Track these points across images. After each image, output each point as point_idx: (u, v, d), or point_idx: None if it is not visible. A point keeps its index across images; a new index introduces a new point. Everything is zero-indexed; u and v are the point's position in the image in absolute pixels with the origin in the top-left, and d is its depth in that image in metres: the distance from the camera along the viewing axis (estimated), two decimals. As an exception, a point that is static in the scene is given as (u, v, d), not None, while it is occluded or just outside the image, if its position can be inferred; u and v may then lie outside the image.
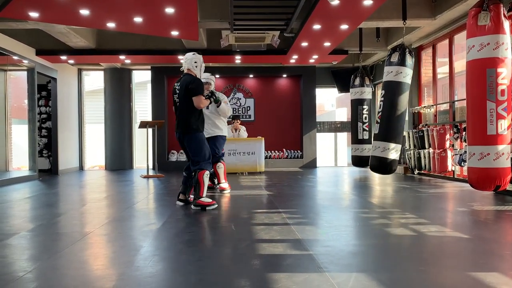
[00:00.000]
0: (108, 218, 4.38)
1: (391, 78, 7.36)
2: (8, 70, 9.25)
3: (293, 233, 3.46)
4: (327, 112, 21.77)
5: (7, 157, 9.28)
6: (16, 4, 6.11)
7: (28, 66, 9.25)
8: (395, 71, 7.31)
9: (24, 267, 2.67)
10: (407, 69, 7.28)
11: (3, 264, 2.76)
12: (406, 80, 7.32)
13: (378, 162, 7.46)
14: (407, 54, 7.25)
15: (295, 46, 8.88)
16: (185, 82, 4.82)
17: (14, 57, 8.59)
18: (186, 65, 4.95)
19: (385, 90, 7.48)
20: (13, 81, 9.71)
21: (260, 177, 8.94)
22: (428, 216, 4.34)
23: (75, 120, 11.80)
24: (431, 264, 2.69)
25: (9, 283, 2.34)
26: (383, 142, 7.37)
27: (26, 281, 2.38)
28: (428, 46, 8.97)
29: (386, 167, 7.41)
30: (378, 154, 7.43)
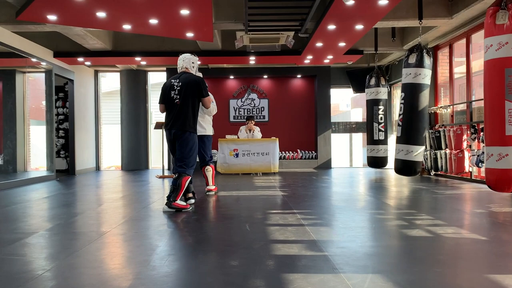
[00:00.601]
0: (124, 217, 4.43)
1: (410, 80, 7.31)
2: (26, 72, 9.43)
3: (308, 234, 3.46)
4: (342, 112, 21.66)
5: (26, 157, 9.45)
6: (35, 7, 6.23)
7: (46, 68, 9.40)
8: (413, 72, 7.26)
9: (43, 265, 2.72)
10: (426, 70, 7.22)
11: (22, 263, 2.81)
12: (425, 81, 7.27)
13: (402, 165, 7.46)
14: (425, 55, 7.18)
15: (309, 47, 8.86)
16: (188, 80, 4.83)
17: (33, 59, 8.74)
18: (184, 64, 5.00)
19: (404, 92, 7.44)
20: (31, 82, 9.89)
21: (274, 178, 8.93)
22: (444, 217, 4.29)
23: (92, 121, 11.96)
24: (447, 266, 2.66)
25: (28, 281, 2.38)
26: (406, 145, 7.34)
27: (45, 279, 2.42)
28: (445, 46, 8.87)
29: (411, 170, 7.43)
30: (402, 157, 7.41)
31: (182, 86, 4.80)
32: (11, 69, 9.12)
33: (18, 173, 9.06)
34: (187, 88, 4.79)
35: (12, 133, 8.95)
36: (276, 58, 10.33)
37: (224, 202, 5.63)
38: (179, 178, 4.73)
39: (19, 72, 9.24)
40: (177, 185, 4.71)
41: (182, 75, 4.92)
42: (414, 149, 7.28)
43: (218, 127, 11.93)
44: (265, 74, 12.22)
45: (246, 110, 12.35)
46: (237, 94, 12.38)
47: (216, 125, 11.99)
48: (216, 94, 12.26)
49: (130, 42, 9.86)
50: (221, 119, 12.26)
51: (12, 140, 8.98)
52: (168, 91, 4.87)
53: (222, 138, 10.18)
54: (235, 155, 9.93)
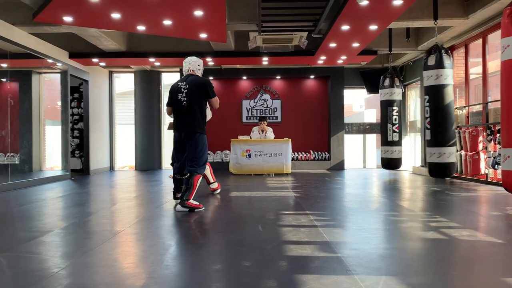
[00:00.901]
0: (138, 217, 4.46)
1: (432, 82, 7.27)
2: (42, 72, 9.56)
3: (320, 235, 3.44)
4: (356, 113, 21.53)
5: (41, 157, 9.59)
6: (51, 9, 6.31)
7: (61, 68, 9.52)
8: (434, 74, 7.20)
9: (58, 263, 2.75)
10: (447, 70, 7.17)
11: (38, 260, 2.85)
12: (448, 81, 7.21)
13: (437, 168, 7.40)
14: (444, 55, 7.11)
15: (323, 47, 8.82)
16: (194, 82, 4.92)
17: (49, 60, 8.86)
18: (190, 67, 5.12)
19: (428, 95, 7.38)
20: (47, 83, 10.03)
21: (287, 179, 8.91)
22: (459, 220, 4.23)
23: (106, 122, 12.08)
24: (463, 269, 2.62)
25: (44, 278, 2.41)
26: (438, 148, 7.27)
27: (60, 277, 2.45)
28: (460, 46, 8.76)
29: (446, 171, 7.37)
30: (435, 160, 7.36)
31: (189, 88, 4.88)
32: (27, 69, 9.26)
33: (33, 173, 9.19)
34: (194, 90, 4.87)
35: (28, 133, 9.09)
36: (289, 59, 10.31)
37: (237, 202, 5.63)
38: (191, 177, 4.79)
39: (35, 72, 9.38)
40: (190, 185, 4.76)
41: (189, 78, 5.00)
42: (446, 151, 7.22)
43: (230, 128, 11.99)
44: (278, 75, 12.21)
45: (258, 110, 12.35)
46: (250, 95, 12.38)
47: (228, 126, 12.12)
48: (228, 94, 12.34)
49: (144, 43, 9.94)
50: (233, 119, 12.30)
51: (28, 140, 9.12)
52: (176, 94, 4.95)
53: (235, 139, 10.20)
54: (247, 156, 9.94)
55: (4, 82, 8.45)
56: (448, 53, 7.22)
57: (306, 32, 7.92)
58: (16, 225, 4.15)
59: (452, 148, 7.33)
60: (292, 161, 11.26)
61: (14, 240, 3.45)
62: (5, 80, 8.42)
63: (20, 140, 8.87)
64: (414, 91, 11.61)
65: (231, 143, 10.11)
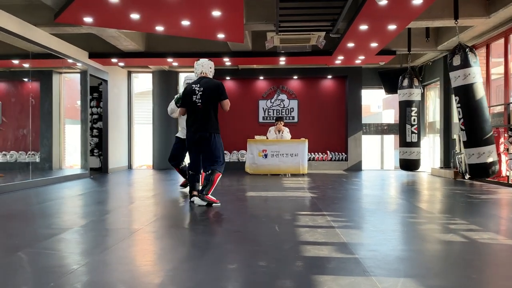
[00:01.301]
0: (156, 215, 4.50)
1: (461, 82, 7.12)
2: (63, 72, 9.73)
3: (338, 236, 3.42)
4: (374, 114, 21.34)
5: (61, 155, 9.75)
6: (72, 10, 6.42)
7: (81, 68, 9.67)
8: (462, 74, 7.07)
9: (77, 260, 2.80)
10: (474, 68, 7.02)
11: (58, 257, 2.90)
12: (476, 80, 7.06)
13: (477, 169, 7.23)
14: (469, 54, 6.99)
15: (341, 47, 8.77)
16: (208, 84, 5.07)
17: (69, 60, 9.01)
18: (202, 69, 5.25)
19: (458, 96, 7.24)
20: (67, 83, 10.20)
21: (303, 179, 8.88)
22: (480, 222, 4.16)
23: (125, 121, 12.22)
24: (483, 272, 2.58)
25: (64, 275, 2.45)
26: (476, 148, 7.11)
27: (80, 274, 2.49)
28: (482, 46, 8.60)
29: (488, 171, 7.17)
30: (474, 161, 7.17)
31: (204, 90, 5.03)
32: (48, 69, 9.43)
33: (53, 171, 9.36)
34: (209, 92, 5.03)
35: (48, 132, 9.26)
36: (307, 59, 10.27)
37: (253, 202, 5.64)
38: (212, 174, 5.04)
39: (55, 72, 9.55)
40: (210, 180, 5.01)
41: (202, 80, 5.12)
42: (485, 150, 7.05)
43: (247, 128, 12.01)
44: (295, 75, 12.18)
45: (275, 111, 12.34)
46: (267, 95, 12.38)
47: (245, 126, 12.14)
48: (245, 94, 12.36)
49: (162, 43, 10.02)
50: (250, 119, 12.31)
51: (49, 139, 9.28)
52: (190, 96, 5.06)
53: (251, 139, 10.21)
54: (264, 156, 9.94)
55: (26, 82, 8.62)
56: (473, 51, 7.08)
57: (324, 32, 7.89)
58: (37, 222, 4.23)
59: (491, 146, 7.11)
60: (309, 162, 11.23)
61: (35, 236, 3.51)
62: (27, 79, 8.59)
63: (40, 138, 9.04)
64: (433, 92, 11.45)
65: (247, 143, 10.12)
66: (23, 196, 6.15)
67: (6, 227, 3.94)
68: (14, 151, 8.58)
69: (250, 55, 10.13)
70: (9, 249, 3.09)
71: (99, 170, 11.02)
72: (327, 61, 10.41)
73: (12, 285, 2.31)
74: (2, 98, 8.54)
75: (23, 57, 7.96)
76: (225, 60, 10.33)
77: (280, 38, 8.21)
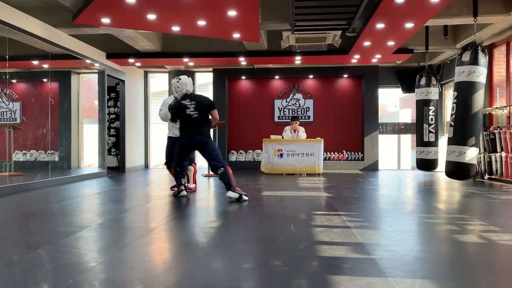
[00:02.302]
0: (172, 214, 4.54)
1: (464, 78, 7.01)
2: (81, 72, 9.87)
3: (354, 236, 3.40)
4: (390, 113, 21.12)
5: (79, 154, 9.90)
6: (90, 11, 6.51)
7: (99, 69, 9.80)
8: (467, 71, 6.95)
9: (96, 258, 2.84)
10: (481, 68, 6.89)
11: (77, 254, 2.95)
12: (480, 80, 6.93)
13: (454, 167, 7.12)
14: (479, 52, 6.86)
15: (357, 46, 8.70)
16: (200, 98, 5.89)
17: (87, 61, 9.14)
18: (187, 88, 5.93)
19: (457, 91, 7.13)
20: (85, 83, 10.34)
21: (319, 179, 8.85)
22: (500, 223, 4.08)
23: (141, 120, 12.34)
24: (503, 275, 2.53)
25: (82, 272, 2.49)
26: (459, 146, 7.01)
27: (98, 271, 2.53)
28: (502, 44, 8.45)
29: (464, 172, 7.06)
30: (454, 159, 7.08)
31: (197, 103, 5.75)
32: (67, 70, 9.58)
33: (72, 170, 9.50)
34: (202, 104, 5.78)
35: (67, 131, 9.41)
36: (322, 58, 10.22)
37: (269, 202, 5.64)
38: (225, 170, 5.55)
39: (74, 73, 9.70)
40: (228, 176, 5.52)
41: (192, 96, 5.88)
42: (467, 151, 6.95)
43: (262, 127, 12.02)
44: (310, 74, 12.14)
45: (291, 110, 12.31)
46: (282, 94, 12.36)
47: (260, 125, 12.15)
48: (261, 94, 12.36)
49: (179, 44, 10.09)
50: (265, 119, 12.31)
51: (67, 138, 9.43)
52: (183, 110, 5.73)
53: (267, 138, 10.21)
54: (279, 155, 9.93)
55: (45, 82, 8.77)
56: (485, 52, 6.95)
57: (340, 31, 7.83)
58: (56, 220, 4.31)
59: (474, 149, 7.01)
60: (324, 161, 11.18)
61: (54, 234, 3.58)
62: (46, 80, 8.74)
63: (59, 138, 9.18)
64: (451, 91, 11.26)
65: (263, 142, 10.12)
66: (42, 195, 6.26)
67: (26, 225, 4.02)
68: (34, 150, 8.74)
69: (265, 55, 10.13)
70: (29, 246, 3.16)
71: (117, 169, 11.15)
72: (343, 60, 10.34)
73: (32, 282, 2.36)
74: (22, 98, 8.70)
75: (42, 58, 8.10)
76: (241, 59, 10.35)
77: (295, 38, 8.18)
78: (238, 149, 12.30)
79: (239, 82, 12.50)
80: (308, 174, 9.91)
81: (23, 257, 2.84)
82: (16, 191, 6.44)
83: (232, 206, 5.03)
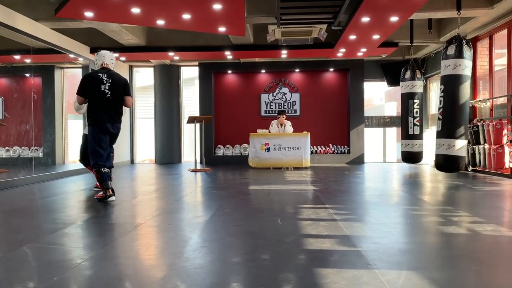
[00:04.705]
0: (158, 210, 4.51)
1: (450, 72, 7.09)
2: (64, 67, 9.73)
3: (340, 229, 3.42)
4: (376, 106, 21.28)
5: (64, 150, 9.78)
6: (73, 4, 6.40)
7: (83, 63, 9.67)
8: (453, 64, 7.03)
9: (81, 255, 2.81)
10: (466, 61, 6.98)
11: (62, 252, 2.92)
12: (466, 73, 7.03)
13: (444, 160, 7.22)
14: (464, 46, 6.95)
15: (342, 39, 8.73)
16: (117, 78, 5.13)
17: (70, 55, 9.00)
18: (103, 60, 5.21)
19: (444, 85, 7.22)
20: (69, 78, 10.20)
21: (306, 173, 8.89)
22: (483, 214, 4.15)
23: (127, 116, 12.22)
24: (486, 264, 2.58)
25: (68, 269, 2.47)
26: (448, 139, 7.10)
27: (83, 268, 2.50)
28: (485, 37, 8.55)
29: (453, 165, 7.17)
30: (443, 152, 7.17)
31: (113, 82, 5.06)
32: (50, 65, 9.44)
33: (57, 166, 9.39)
34: (118, 85, 5.10)
35: (51, 127, 9.28)
36: (308, 52, 10.24)
37: (256, 196, 5.64)
38: None
39: (57, 67, 9.56)
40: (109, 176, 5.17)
41: (109, 71, 5.14)
42: (456, 143, 7.04)
43: (249, 122, 12.01)
44: (296, 68, 12.15)
45: (277, 104, 12.32)
46: (269, 88, 12.36)
47: (247, 120, 12.14)
48: (247, 88, 12.34)
49: (164, 38, 10.00)
50: (252, 113, 12.30)
51: (51, 134, 9.31)
52: (97, 83, 4.99)
53: (253, 133, 10.20)
54: (266, 150, 9.94)
55: (28, 77, 8.62)
56: (469, 45, 7.04)
57: (325, 25, 7.85)
58: (40, 217, 4.25)
59: (463, 141, 7.12)
60: (311, 155, 11.23)
61: (39, 231, 3.53)
62: (28, 75, 8.59)
63: (43, 134, 9.06)
64: (436, 84, 11.40)
65: (250, 137, 10.12)
66: (26, 191, 6.17)
67: (10, 222, 3.96)
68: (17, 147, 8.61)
69: (251, 49, 10.11)
70: (13, 243, 3.11)
71: (102, 165, 11.02)
72: (329, 53, 10.37)
73: (17, 280, 2.33)
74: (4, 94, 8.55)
75: (24, 52, 7.96)
76: (227, 53, 10.31)
77: (281, 31, 8.18)
78: (225, 143, 12.28)
79: (226, 76, 12.45)
80: (295, 168, 9.95)
81: (7, 255, 2.80)
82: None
83: (219, 201, 5.02)
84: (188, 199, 5.30)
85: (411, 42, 9.34)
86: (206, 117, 9.71)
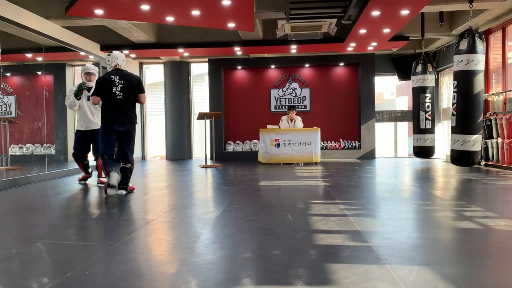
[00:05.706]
0: (170, 206, 4.54)
1: (462, 67, 7.01)
2: (75, 65, 9.80)
3: (351, 225, 3.42)
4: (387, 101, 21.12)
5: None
6: (83, 2, 6.44)
7: (93, 61, 9.73)
8: (465, 59, 6.95)
9: (94, 250, 2.84)
10: (479, 55, 6.89)
11: (75, 247, 2.95)
12: (479, 67, 6.94)
13: (459, 155, 7.17)
14: (477, 40, 6.85)
15: (352, 34, 8.67)
16: (129, 77, 5.27)
17: (81, 53, 9.07)
18: (116, 61, 5.40)
19: (457, 80, 7.13)
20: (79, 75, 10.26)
21: (316, 168, 8.86)
22: (496, 209, 4.11)
23: (138, 112, 12.25)
24: (500, 260, 2.55)
25: (82, 264, 2.49)
26: (462, 135, 7.05)
27: (96, 263, 2.53)
28: (497, 30, 8.43)
29: (469, 160, 7.12)
30: (458, 148, 7.13)
31: (126, 83, 5.22)
32: (61, 62, 9.50)
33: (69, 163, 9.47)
34: (130, 85, 5.23)
35: (63, 124, 9.36)
36: (318, 46, 10.19)
37: (266, 191, 5.65)
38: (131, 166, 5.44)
39: (68, 65, 9.62)
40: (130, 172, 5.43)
41: (122, 72, 5.31)
42: (470, 139, 6.98)
43: (259, 117, 12.00)
44: (306, 63, 12.09)
45: (287, 99, 12.29)
46: (278, 84, 12.33)
47: (257, 115, 12.13)
48: (257, 84, 12.32)
49: (173, 34, 10.02)
50: (262, 109, 12.29)
51: (63, 131, 9.39)
52: (109, 86, 5.17)
53: (263, 128, 10.20)
54: (276, 145, 9.94)
55: (39, 75, 8.71)
56: (482, 38, 6.93)
57: (335, 19, 7.79)
58: (53, 213, 4.31)
59: (478, 136, 7.05)
60: (322, 150, 11.20)
61: (53, 227, 3.58)
62: (40, 73, 8.67)
63: (55, 131, 9.15)
64: (447, 77, 11.28)
65: (260, 132, 10.11)
66: (40, 188, 6.25)
67: (24, 219, 4.01)
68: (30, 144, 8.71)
69: (261, 44, 10.08)
70: (27, 239, 3.16)
71: (114, 161, 11.10)
72: (339, 48, 10.30)
73: (31, 275, 2.36)
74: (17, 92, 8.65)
75: (36, 50, 8.03)
76: (236, 49, 10.30)
77: (291, 26, 8.14)
78: (235, 139, 12.29)
79: (235, 72, 12.45)
80: (305, 163, 9.93)
81: (21, 251, 2.84)
82: (13, 185, 6.43)
83: (229, 197, 5.04)
84: (199, 195, 5.32)
85: (422, 36, 9.24)
86: (216, 113, 9.72)
